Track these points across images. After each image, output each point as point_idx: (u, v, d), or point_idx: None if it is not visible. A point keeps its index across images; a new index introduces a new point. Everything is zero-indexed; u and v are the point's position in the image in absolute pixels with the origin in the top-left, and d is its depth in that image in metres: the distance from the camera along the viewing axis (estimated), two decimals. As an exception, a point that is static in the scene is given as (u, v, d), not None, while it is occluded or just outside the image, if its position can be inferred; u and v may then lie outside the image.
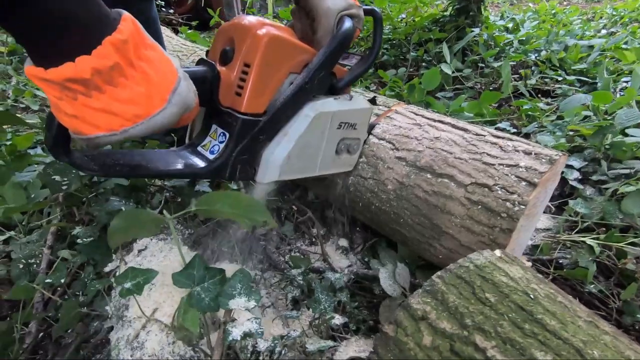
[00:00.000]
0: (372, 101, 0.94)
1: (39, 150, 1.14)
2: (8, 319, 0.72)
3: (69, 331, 0.67)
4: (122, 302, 0.58)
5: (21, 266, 0.80)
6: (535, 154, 0.66)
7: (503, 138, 0.72)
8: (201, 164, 0.55)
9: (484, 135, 0.73)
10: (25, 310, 0.64)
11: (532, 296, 0.43)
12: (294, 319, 0.64)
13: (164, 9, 3.36)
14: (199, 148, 0.58)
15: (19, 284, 0.68)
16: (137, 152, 0.50)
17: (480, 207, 0.65)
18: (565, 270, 0.81)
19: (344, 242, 0.98)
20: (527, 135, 1.29)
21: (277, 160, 0.60)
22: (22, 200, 0.86)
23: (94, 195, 0.89)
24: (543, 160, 0.64)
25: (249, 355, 0.57)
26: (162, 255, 0.68)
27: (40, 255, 0.81)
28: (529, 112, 1.40)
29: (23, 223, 1.00)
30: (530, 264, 0.82)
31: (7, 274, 0.87)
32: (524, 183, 0.63)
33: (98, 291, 0.59)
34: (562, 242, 0.87)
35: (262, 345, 0.59)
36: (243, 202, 0.51)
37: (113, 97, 0.38)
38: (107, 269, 0.67)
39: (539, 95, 1.69)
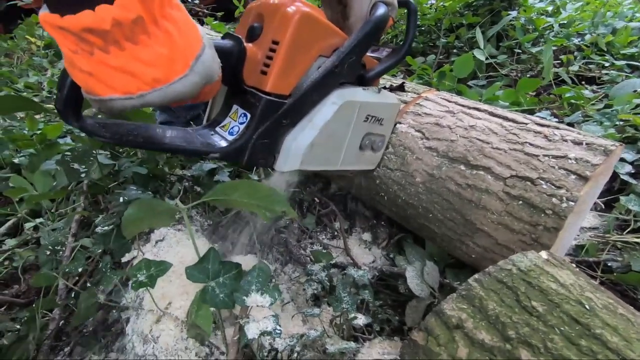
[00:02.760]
0: (401, 87, 0.88)
1: (68, 140, 1.16)
2: (33, 305, 0.73)
3: (90, 319, 0.67)
4: (138, 293, 0.57)
5: (48, 253, 0.81)
6: (586, 144, 0.59)
7: (548, 126, 0.65)
8: (218, 144, 0.52)
9: (526, 124, 0.66)
10: (47, 298, 0.64)
11: (587, 306, 0.38)
12: (314, 316, 0.61)
13: (189, 0, 3.38)
14: (217, 128, 0.55)
15: (42, 271, 0.69)
16: (152, 125, 0.47)
17: (521, 202, 0.59)
18: (615, 274, 0.73)
19: (367, 237, 0.93)
20: (570, 126, 1.18)
21: (300, 148, 0.56)
22: (48, 188, 0.87)
23: (116, 183, 0.89)
24: (596, 151, 0.57)
25: (266, 354, 0.54)
26: (179, 246, 0.66)
27: (66, 243, 0.82)
28: (572, 101, 1.29)
29: (52, 210, 1.02)
30: (574, 266, 0.74)
31: (36, 259, 0.89)
32: (573, 176, 0.56)
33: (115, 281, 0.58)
34: (611, 242, 0.79)
35: (280, 343, 0.56)
36: (261, 192, 0.48)
37: (133, 56, 0.35)
38: (125, 259, 0.66)
39: (583, 83, 1.56)
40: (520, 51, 1.81)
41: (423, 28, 2.13)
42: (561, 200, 0.55)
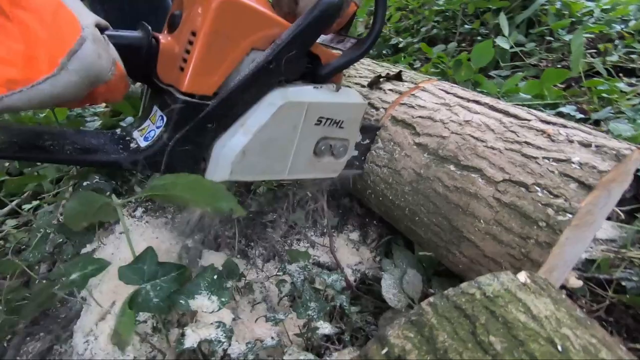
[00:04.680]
0: (398, 76, 0.80)
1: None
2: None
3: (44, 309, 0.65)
4: (91, 286, 0.55)
5: (39, 235, 0.81)
6: (596, 146, 0.50)
7: (554, 124, 0.56)
8: (127, 152, 0.46)
9: (529, 120, 0.58)
10: (11, 286, 0.63)
11: (560, 347, 0.31)
12: (278, 321, 0.56)
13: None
14: (134, 132, 0.50)
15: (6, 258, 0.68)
16: (44, 129, 0.42)
17: (512, 210, 0.52)
18: (628, 295, 0.64)
19: (357, 236, 0.88)
20: (597, 123, 1.06)
21: (229, 156, 0.50)
22: (52, 172, 0.88)
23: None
24: (606, 155, 0.48)
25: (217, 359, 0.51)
26: (142, 239, 0.64)
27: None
28: (604, 94, 1.15)
29: (53, 192, 1.03)
30: (581, 282, 0.66)
31: (29, 241, 0.91)
32: (574, 184, 0.48)
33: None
34: (628, 258, 0.69)
35: (235, 349, 0.52)
36: (205, 188, 0.44)
37: None
38: (85, 250, 0.64)
39: (621, 75, 1.40)
40: (552, 39, 1.65)
41: (447, 13, 1.99)
42: (557, 212, 0.47)
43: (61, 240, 0.65)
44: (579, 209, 0.46)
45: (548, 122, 0.57)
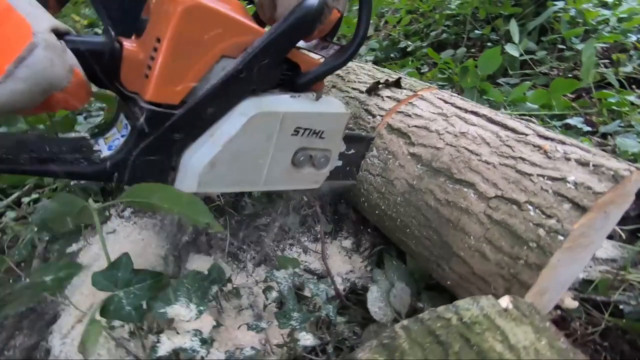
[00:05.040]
0: (397, 83, 0.79)
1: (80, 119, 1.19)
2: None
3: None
4: (73, 287, 0.55)
5: (28, 232, 0.82)
6: (594, 165, 0.48)
7: (552, 140, 0.54)
8: (86, 161, 0.44)
9: (526, 135, 0.56)
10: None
11: (535, 382, 0.29)
12: (260, 330, 0.56)
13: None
14: (100, 140, 0.48)
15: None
16: (5, 137, 0.41)
17: (503, 229, 0.50)
18: (625, 319, 0.61)
19: (350, 244, 0.86)
20: (604, 136, 1.03)
21: (196, 168, 0.48)
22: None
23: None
24: (603, 175, 0.46)
25: (195, 367, 0.50)
26: (127, 240, 0.64)
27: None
28: (614, 107, 1.12)
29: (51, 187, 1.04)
30: (576, 303, 0.64)
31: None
32: (568, 205, 0.46)
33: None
34: (627, 281, 0.66)
35: (215, 357, 0.52)
36: (182, 199, 0.43)
37: None
38: (71, 249, 0.64)
39: (634, 87, 1.36)
40: (564, 47, 1.61)
41: (458, 18, 1.96)
42: (549, 233, 0.45)
43: (48, 238, 0.65)
44: (571, 231, 0.44)
45: (546, 138, 0.55)
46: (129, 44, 0.45)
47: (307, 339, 0.54)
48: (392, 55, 1.94)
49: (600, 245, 0.65)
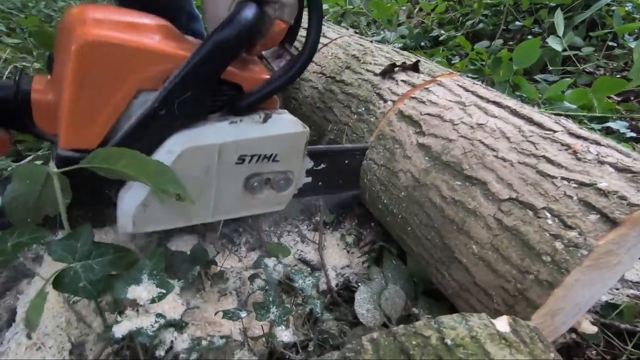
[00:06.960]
0: (415, 67, 0.72)
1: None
2: None
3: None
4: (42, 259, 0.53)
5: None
6: (633, 172, 0.40)
7: (586, 139, 0.46)
8: None
9: (554, 131, 0.48)
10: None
11: None
12: (237, 319, 0.52)
13: None
14: None
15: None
16: None
17: (513, 236, 0.43)
18: (651, 353, 0.53)
19: (349, 237, 0.81)
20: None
21: (129, 211, 0.45)
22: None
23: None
24: (643, 184, 0.38)
25: (163, 353, 0.47)
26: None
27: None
28: (666, 113, 0.99)
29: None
30: (595, 329, 0.56)
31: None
32: (595, 216, 0.38)
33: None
34: (659, 310, 0.58)
35: (181, 344, 0.48)
36: (150, 167, 0.39)
37: None
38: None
39: (692, 92, 1.21)
40: (615, 44, 1.46)
41: (498, 7, 1.82)
42: (567, 247, 0.38)
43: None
44: (595, 247, 0.37)
45: (578, 136, 0.47)
46: (38, 86, 0.41)
47: (285, 335, 0.50)
48: (422, 43, 1.83)
49: (631, 266, 0.56)
